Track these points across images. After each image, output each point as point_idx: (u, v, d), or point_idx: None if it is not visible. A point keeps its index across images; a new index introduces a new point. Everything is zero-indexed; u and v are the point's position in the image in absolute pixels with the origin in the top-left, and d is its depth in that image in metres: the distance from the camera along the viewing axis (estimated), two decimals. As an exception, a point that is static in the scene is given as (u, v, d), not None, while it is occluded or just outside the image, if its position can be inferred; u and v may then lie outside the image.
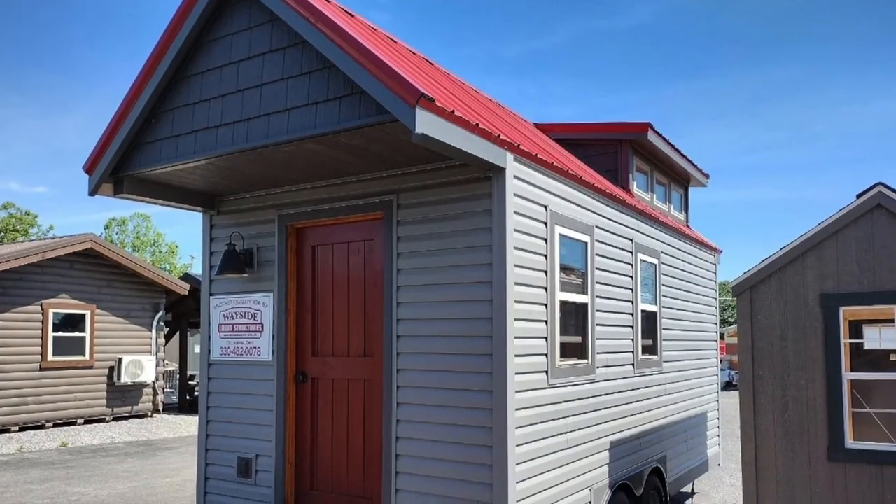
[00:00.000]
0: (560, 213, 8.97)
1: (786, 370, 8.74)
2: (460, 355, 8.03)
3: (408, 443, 8.37)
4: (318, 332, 9.53)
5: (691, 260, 14.45)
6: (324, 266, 9.52)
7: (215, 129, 8.04)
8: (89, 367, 26.04)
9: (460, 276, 8.09)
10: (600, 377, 9.90)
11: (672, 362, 12.94)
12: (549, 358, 8.55)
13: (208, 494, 10.14)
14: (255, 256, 9.87)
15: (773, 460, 8.78)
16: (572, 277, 9.29)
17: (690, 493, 15.41)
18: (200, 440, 10.29)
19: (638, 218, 11.57)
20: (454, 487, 7.95)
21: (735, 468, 18.20)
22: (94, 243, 25.70)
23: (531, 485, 8.06)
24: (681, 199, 16.06)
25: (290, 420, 9.53)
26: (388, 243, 8.67)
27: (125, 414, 27.41)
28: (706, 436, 15.06)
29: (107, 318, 26.67)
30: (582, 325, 9.52)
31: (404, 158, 8.26)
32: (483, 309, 7.89)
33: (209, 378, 10.28)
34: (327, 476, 9.33)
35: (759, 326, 8.88)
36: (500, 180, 7.83)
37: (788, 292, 8.73)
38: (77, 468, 18.17)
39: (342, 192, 9.16)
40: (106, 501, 14.39)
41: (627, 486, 10.41)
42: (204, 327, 10.41)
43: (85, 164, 8.84)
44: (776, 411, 8.76)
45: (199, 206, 10.11)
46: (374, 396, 8.95)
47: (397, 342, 8.54)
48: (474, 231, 8.02)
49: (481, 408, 7.83)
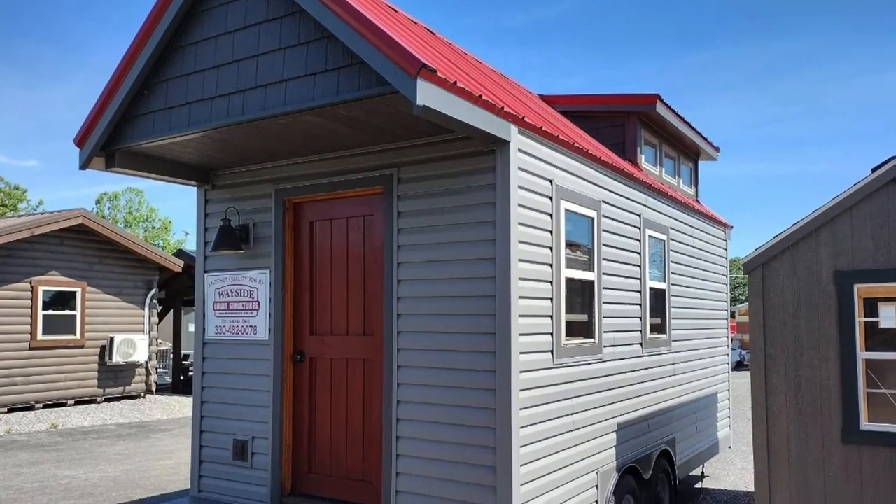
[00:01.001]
0: (566, 187, 8.97)
1: (799, 349, 8.75)
2: (463, 334, 8.04)
3: (409, 424, 8.39)
4: (316, 311, 9.55)
5: (701, 236, 14.45)
6: (322, 242, 9.53)
7: (210, 101, 8.04)
8: (80, 347, 26.11)
9: (463, 252, 8.09)
10: (607, 357, 9.92)
11: (681, 341, 12.96)
12: (555, 337, 8.57)
13: (203, 478, 10.17)
14: (251, 232, 9.88)
15: (785, 442, 8.80)
16: (578, 254, 9.30)
17: (700, 477, 15.45)
18: (195, 422, 10.32)
19: (646, 193, 11.57)
20: (457, 470, 7.97)
21: (746, 451, 18.24)
22: (85, 219, 25.71)
23: (536, 468, 8.09)
24: (690, 173, 16.05)
25: (287, 401, 9.56)
26: (389, 219, 8.67)
27: (117, 395, 27.49)
28: (716, 417, 15.10)
29: (98, 296, 26.72)
30: (588, 304, 9.54)
31: (405, 131, 8.25)
32: (486, 286, 7.90)
33: (204, 358, 10.30)
34: (326, 459, 9.37)
35: (771, 304, 8.89)
36: (504, 154, 7.82)
37: (801, 269, 8.74)
38: (67, 450, 18.22)
39: (341, 165, 9.16)
40: (97, 485, 14.44)
41: (635, 469, 10.44)
42: (198, 305, 10.42)
43: (76, 137, 8.84)
44: (789, 392, 8.78)
45: (193, 181, 10.11)
46: (374, 377, 8.98)
47: (398, 321, 8.55)
48: (477, 206, 8.02)
49: (484, 388, 7.84)
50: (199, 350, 10.36)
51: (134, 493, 13.79)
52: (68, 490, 13.97)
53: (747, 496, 14.03)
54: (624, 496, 10.06)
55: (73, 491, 13.91)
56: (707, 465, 15.95)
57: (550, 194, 8.62)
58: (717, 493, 14.46)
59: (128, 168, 9.07)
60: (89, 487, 14.20)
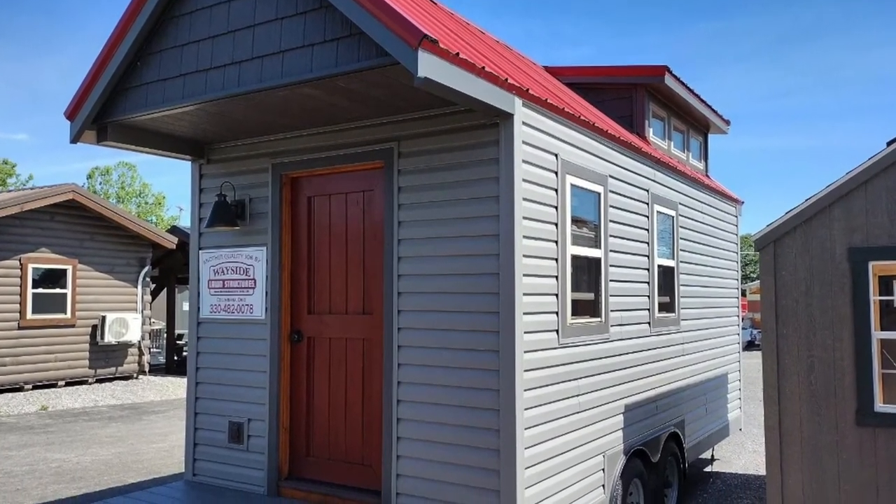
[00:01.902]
0: (571, 161, 8.97)
1: (811, 329, 8.75)
2: (465, 313, 8.05)
3: (409, 406, 8.41)
4: (314, 289, 9.57)
5: (711, 212, 14.46)
6: (320, 218, 9.53)
7: (205, 73, 8.04)
8: (71, 326, 26.16)
9: (465, 228, 8.10)
10: (614, 336, 9.94)
11: (691, 320, 12.98)
12: (560, 316, 8.58)
13: (197, 461, 10.21)
14: (247, 208, 9.89)
15: (798, 424, 8.81)
16: (584, 230, 9.31)
17: (710, 460, 15.50)
18: (189, 403, 10.35)
19: (654, 167, 11.58)
20: (459, 453, 8.00)
21: (758, 433, 18.30)
22: (76, 194, 25.72)
23: (541, 451, 8.11)
24: (700, 147, 16.04)
25: (284, 382, 9.59)
26: (389, 194, 8.67)
27: (109, 375, 27.56)
28: (727, 399, 15.14)
29: (89, 274, 26.76)
30: (595, 282, 9.55)
31: (406, 104, 8.25)
32: (490, 264, 7.90)
33: (198, 337, 10.33)
34: (324, 441, 9.40)
35: (783, 282, 8.90)
36: (508, 127, 7.82)
37: (814, 246, 8.74)
38: (58, 433, 18.28)
39: (340, 139, 9.16)
40: (89, 468, 14.49)
41: (643, 452, 10.48)
42: (193, 283, 10.45)
43: (66, 109, 8.84)
44: (801, 372, 8.78)
45: (187, 155, 10.12)
46: (374, 357, 9.00)
47: (398, 299, 8.56)
48: (480, 181, 8.02)
49: (488, 369, 7.86)
50: (193, 329, 10.39)
51: (126, 477, 13.84)
52: (59, 474, 14.03)
53: (758, 480, 14.08)
54: (631, 480, 10.09)
55: (64, 475, 13.97)
56: (717, 448, 16.00)
57: (556, 169, 8.62)
58: (728, 476, 14.51)
59: (120, 142, 9.07)
60: (80, 471, 14.25)
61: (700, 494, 13.16)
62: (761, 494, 12.99)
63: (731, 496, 13.05)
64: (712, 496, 13.06)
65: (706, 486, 13.69)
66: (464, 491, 7.93)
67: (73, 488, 12.99)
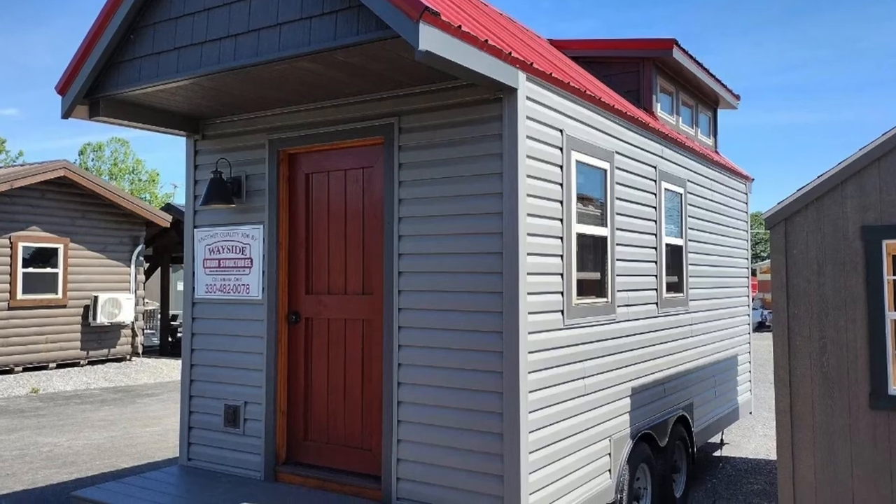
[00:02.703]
0: (577, 137, 8.97)
1: (823, 309, 8.76)
2: (468, 293, 8.06)
3: (410, 389, 8.43)
4: (312, 268, 9.57)
5: (720, 189, 14.46)
6: (319, 196, 9.53)
7: (200, 47, 8.03)
8: (62, 307, 26.22)
9: (468, 206, 8.10)
10: (621, 317, 9.96)
11: (699, 301, 12.99)
12: (565, 296, 8.60)
13: (192, 445, 10.23)
14: (243, 185, 9.89)
15: (809, 408, 8.83)
16: (590, 208, 9.31)
17: (719, 444, 15.53)
18: (184, 386, 10.37)
19: (662, 143, 11.57)
20: (461, 437, 8.02)
21: (768, 416, 18.34)
22: (67, 171, 25.74)
23: (545, 434, 8.13)
24: (709, 122, 16.03)
25: (281, 364, 9.60)
26: (389, 171, 8.68)
27: (101, 357, 27.63)
28: (737, 381, 15.16)
29: (81, 253, 26.80)
30: (601, 261, 9.56)
31: (407, 78, 8.24)
32: (493, 243, 7.90)
33: (193, 318, 10.35)
34: (322, 425, 9.42)
35: (795, 261, 8.90)
36: (512, 102, 7.81)
37: (826, 224, 8.74)
38: (49, 416, 18.32)
39: (339, 114, 9.15)
40: (81, 452, 14.53)
41: (650, 436, 10.50)
42: (187, 263, 10.45)
43: (57, 83, 8.84)
44: (813, 354, 8.80)
45: (182, 131, 10.11)
46: (374, 338, 9.01)
47: (399, 279, 8.57)
48: (483, 157, 8.02)
49: (491, 350, 7.87)
50: (188, 310, 10.40)
51: (119, 462, 13.88)
52: (50, 458, 14.07)
53: (769, 464, 14.11)
54: (638, 465, 10.12)
55: (55, 459, 14.00)
56: (727, 431, 16.04)
57: (561, 145, 8.62)
58: (738, 461, 14.54)
59: (113, 117, 9.07)
60: (72, 455, 14.29)
61: (709, 479, 13.19)
62: (772, 479, 13.03)
63: (741, 481, 13.08)
64: (722, 481, 13.09)
65: (715, 471, 13.73)
66: (466, 476, 7.95)
67: (64, 473, 13.02)
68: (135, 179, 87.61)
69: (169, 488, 9.16)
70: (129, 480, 9.38)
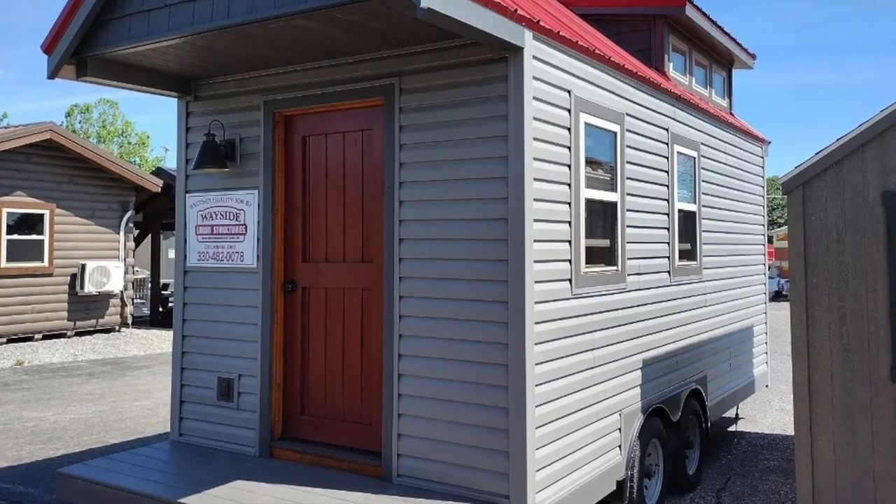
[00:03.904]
0: (586, 98, 8.96)
1: (843, 278, 8.76)
2: (472, 261, 8.06)
3: (412, 361, 8.44)
4: (309, 235, 9.58)
5: (735, 152, 14.45)
6: (316, 159, 9.53)
7: (192, 4, 7.99)
8: (48, 275, 26.22)
9: (472, 170, 8.09)
10: (631, 286, 9.97)
11: (714, 269, 13.00)
12: (573, 264, 8.60)
13: (184, 420, 10.26)
14: (237, 148, 9.87)
15: (828, 381, 8.84)
16: (599, 172, 9.31)
17: (734, 419, 15.58)
18: (175, 358, 10.39)
19: (674, 104, 11.56)
20: (465, 411, 8.04)
21: (785, 390, 18.37)
22: (53, 133, 25.65)
23: (553, 409, 8.16)
24: (723, 83, 15.99)
25: (277, 335, 9.62)
26: (390, 133, 8.66)
27: (89, 328, 27.68)
28: (752, 353, 15.20)
29: (68, 219, 26.78)
30: (610, 227, 9.56)
31: (408, 37, 8.22)
32: (498, 208, 7.90)
33: (185, 287, 10.36)
34: (320, 399, 9.44)
35: (813, 228, 8.90)
36: (518, 62, 7.80)
37: (846, 189, 8.73)
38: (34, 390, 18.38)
39: (337, 74, 9.13)
40: (67, 428, 14.58)
41: (662, 410, 10.53)
42: (179, 229, 10.45)
43: (43, 42, 8.82)
44: (832, 325, 8.80)
45: (173, 91, 10.09)
46: (374, 308, 9.02)
47: (400, 246, 8.57)
48: (488, 120, 8.01)
49: (496, 321, 7.88)
50: (179, 279, 10.41)
51: (108, 437, 13.93)
52: (35, 433, 14.12)
53: (786, 440, 14.15)
54: (650, 440, 10.15)
55: (41, 434, 14.06)
56: (742, 405, 16.06)
57: (568, 106, 8.61)
58: (753, 436, 14.59)
59: (101, 77, 9.05)
60: (58, 431, 14.35)
61: (724, 456, 13.25)
62: (789, 456, 13.08)
63: (757, 457, 13.13)
64: (737, 457, 13.14)
65: (730, 447, 13.77)
66: (470, 452, 7.97)
67: (50, 449, 13.08)
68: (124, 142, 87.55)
69: (160, 465, 9.19)
70: (119, 457, 9.41)
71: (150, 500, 8.04)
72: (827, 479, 8.72)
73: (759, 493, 11.13)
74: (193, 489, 8.13)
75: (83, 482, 8.69)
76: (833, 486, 8.72)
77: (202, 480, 8.48)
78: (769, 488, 11.37)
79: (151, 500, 8.03)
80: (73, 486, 8.78)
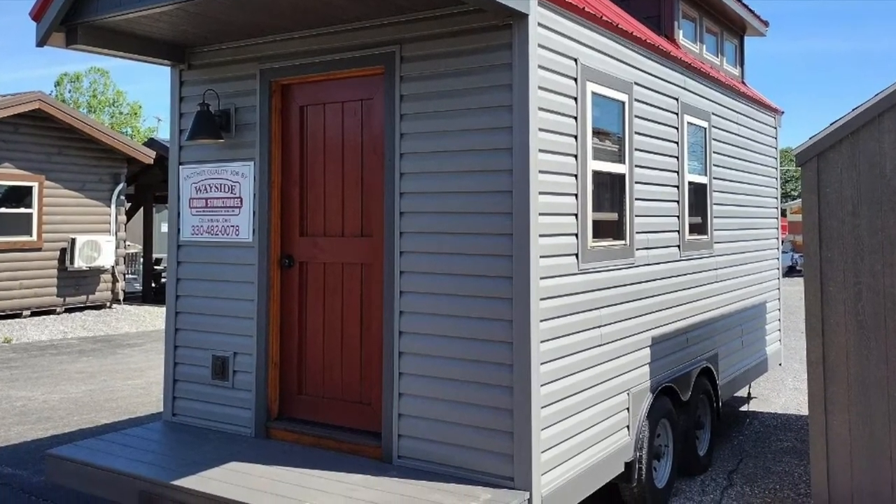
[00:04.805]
0: (593, 67, 8.94)
1: (859, 253, 8.76)
2: (475, 235, 8.05)
3: (413, 338, 8.44)
4: (307, 209, 9.56)
5: (748, 123, 14.43)
6: (314, 130, 9.51)
7: (183, -32, 7.99)
8: (37, 250, 26.23)
9: (475, 141, 8.07)
10: (640, 261, 9.98)
11: (725, 244, 13.00)
12: (580, 238, 8.60)
13: (177, 399, 10.26)
14: (232, 118, 9.85)
15: (843, 359, 8.85)
16: (607, 143, 9.30)
17: (747, 398, 15.59)
18: (168, 336, 10.39)
19: (684, 73, 11.53)
20: (467, 390, 8.04)
21: (799, 368, 18.39)
22: (42, 103, 25.65)
23: (559, 388, 8.16)
24: (735, 50, 15.94)
25: (273, 312, 9.62)
26: (390, 103, 8.64)
27: (79, 304, 27.71)
28: (765, 330, 15.22)
29: (58, 192, 26.77)
30: (619, 200, 9.56)
31: (409, 3, 8.18)
32: (502, 180, 7.88)
33: (178, 262, 10.35)
34: (318, 378, 9.45)
35: (828, 201, 8.89)
36: (522, 29, 7.77)
37: (862, 161, 8.72)
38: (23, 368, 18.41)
39: (336, 42, 9.09)
40: (57, 407, 14.61)
41: (672, 389, 10.54)
42: (172, 202, 10.44)
43: (32, 9, 8.79)
44: (847, 301, 8.81)
45: (166, 60, 10.06)
46: (373, 284, 9.01)
47: (400, 220, 8.55)
48: (492, 89, 7.98)
49: (500, 297, 7.87)
50: (173, 253, 10.40)
51: (99, 417, 13.96)
52: (23, 413, 14.15)
53: (800, 420, 14.17)
54: (659, 420, 10.17)
55: (29, 414, 14.09)
56: (754, 384, 16.07)
57: (575, 75, 8.59)
58: (766, 416, 14.61)
59: (91, 45, 9.02)
60: (47, 410, 14.38)
61: (735, 437, 13.28)
62: (803, 436, 13.09)
63: (770, 438, 13.16)
64: (749, 438, 13.17)
65: (742, 428, 13.80)
66: (473, 432, 7.98)
67: (39, 429, 13.11)
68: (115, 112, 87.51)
69: (152, 446, 9.21)
70: (110, 437, 9.43)
71: (142, 482, 8.05)
72: (842, 460, 8.75)
73: (773, 475, 11.17)
74: (187, 471, 8.13)
75: (73, 464, 8.69)
76: (848, 468, 8.74)
77: (196, 462, 8.48)
78: (782, 470, 11.40)
79: (143, 483, 8.03)
80: (63, 468, 8.79)
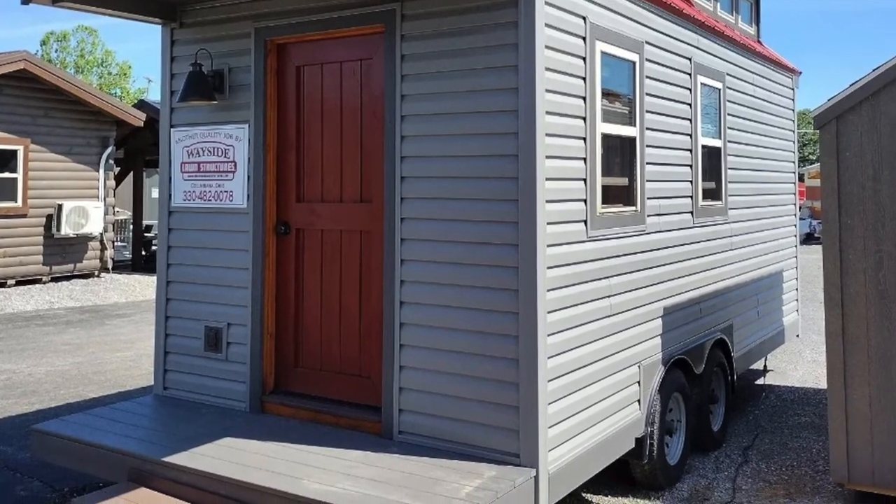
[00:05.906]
0: (602, 25, 8.91)
1: (880, 219, 8.74)
2: (479, 201, 8.03)
3: (414, 309, 8.44)
4: (303, 173, 9.55)
5: (764, 84, 14.39)
6: (311, 91, 9.48)
7: (173, -79, 7.97)
8: (22, 216, 26.25)
9: (479, 103, 8.04)
10: (651, 228, 9.96)
11: (740, 210, 12.99)
12: (589, 204, 8.59)
13: (169, 372, 10.26)
14: (226, 79, 9.83)
15: (864, 330, 8.84)
16: (617, 105, 9.28)
17: (763, 371, 15.57)
18: (159, 306, 10.40)
19: (698, 32, 11.49)
20: (471, 363, 8.03)
21: (817, 340, 18.40)
22: (28, 63, 25.60)
23: (566, 360, 8.16)
24: (750, 8, 15.86)
25: (269, 281, 9.61)
26: (391, 63, 8.61)
27: (66, 273, 27.74)
28: (782, 300, 15.23)
29: (44, 156, 26.76)
30: (629, 165, 9.55)
31: (410, -43, 8.18)
32: (507, 144, 7.86)
33: (170, 229, 10.33)
34: (315, 350, 9.46)
35: (847, 165, 8.87)
36: (529, -16, 7.77)
37: (883, 123, 8.70)
38: (7, 339, 18.44)
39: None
40: (43, 380, 14.63)
41: (685, 361, 10.54)
42: (163, 167, 10.41)
43: (13, -36, 8.79)
44: (868, 270, 8.80)
45: (157, 18, 10.03)
46: (373, 252, 9.00)
47: (401, 185, 8.54)
48: (496, 48, 7.95)
49: (505, 265, 7.86)
50: (164, 220, 10.38)
51: (87, 391, 13.98)
52: (8, 387, 14.17)
53: (818, 394, 14.18)
54: (671, 394, 10.18)
55: (14, 388, 14.11)
56: (770, 357, 16.04)
57: (584, 34, 8.56)
58: (783, 390, 14.63)
59: (79, 2, 8.99)
60: (33, 384, 14.40)
61: (751, 411, 13.29)
62: (821, 411, 13.10)
63: (787, 412, 13.16)
64: (765, 413, 13.18)
65: (758, 402, 13.80)
66: (477, 407, 7.98)
67: (24, 403, 13.13)
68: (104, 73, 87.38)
69: (142, 420, 9.22)
70: (98, 412, 9.44)
71: (131, 458, 8.06)
72: (862, 435, 8.75)
73: (789, 451, 11.18)
74: (178, 447, 8.14)
75: (60, 439, 8.71)
76: (869, 443, 8.75)
77: (188, 437, 8.49)
78: (800, 446, 11.42)
79: (133, 459, 8.05)
80: (49, 444, 8.81)
